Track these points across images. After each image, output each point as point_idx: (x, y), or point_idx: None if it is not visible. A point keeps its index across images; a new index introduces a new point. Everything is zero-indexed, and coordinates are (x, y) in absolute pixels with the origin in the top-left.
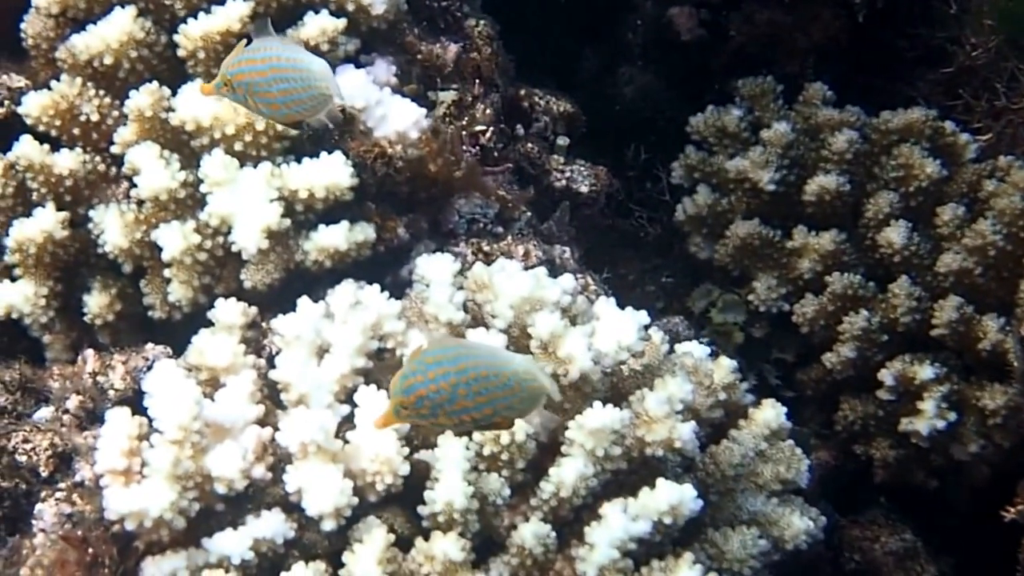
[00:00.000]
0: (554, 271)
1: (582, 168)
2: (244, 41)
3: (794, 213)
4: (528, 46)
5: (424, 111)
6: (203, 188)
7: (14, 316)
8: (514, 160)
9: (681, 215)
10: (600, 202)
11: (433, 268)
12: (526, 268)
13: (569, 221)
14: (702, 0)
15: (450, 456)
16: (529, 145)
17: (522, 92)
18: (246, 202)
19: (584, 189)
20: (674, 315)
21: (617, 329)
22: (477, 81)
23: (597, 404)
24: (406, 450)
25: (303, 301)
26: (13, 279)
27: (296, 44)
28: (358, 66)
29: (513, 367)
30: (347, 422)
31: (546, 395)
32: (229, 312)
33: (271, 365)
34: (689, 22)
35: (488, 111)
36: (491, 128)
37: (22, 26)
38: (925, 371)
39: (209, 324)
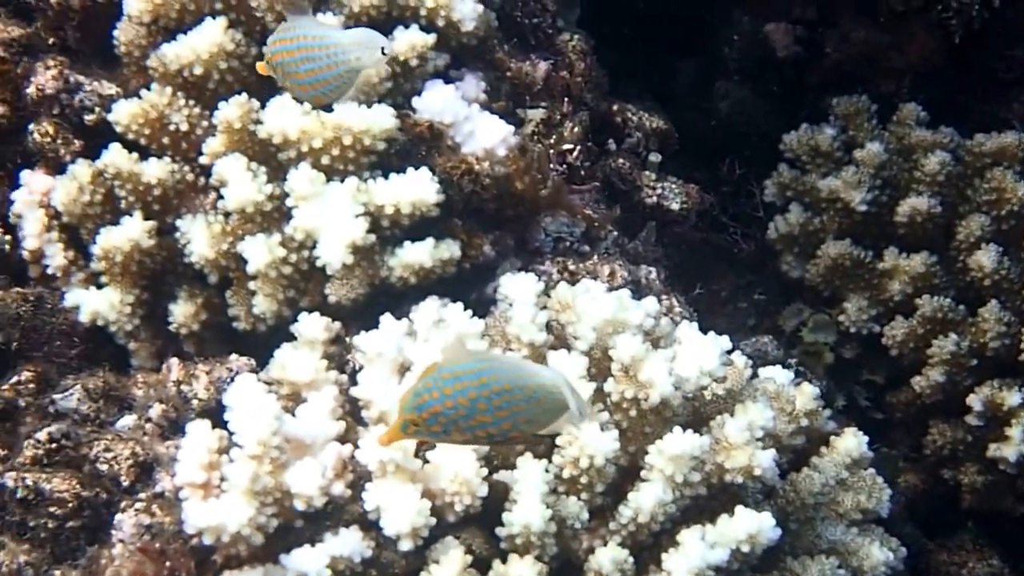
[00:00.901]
0: (639, 291)
1: (673, 185)
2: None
3: (885, 234)
4: (625, 59)
5: (512, 128)
6: (289, 202)
7: (100, 323)
8: (605, 176)
9: (773, 233)
10: (691, 220)
11: (517, 288)
12: (611, 288)
13: (659, 238)
14: (799, 17)
15: (529, 478)
16: (621, 161)
17: (615, 107)
18: (332, 217)
19: (675, 206)
20: (765, 333)
21: (699, 353)
22: (566, 99)
23: (677, 429)
24: (485, 471)
25: (386, 318)
26: (99, 286)
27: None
28: (447, 81)
29: (539, 380)
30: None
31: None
32: (312, 327)
33: (353, 381)
34: (785, 38)
35: (576, 129)
36: (579, 147)
37: (115, 33)
38: (1013, 397)
39: (292, 338)
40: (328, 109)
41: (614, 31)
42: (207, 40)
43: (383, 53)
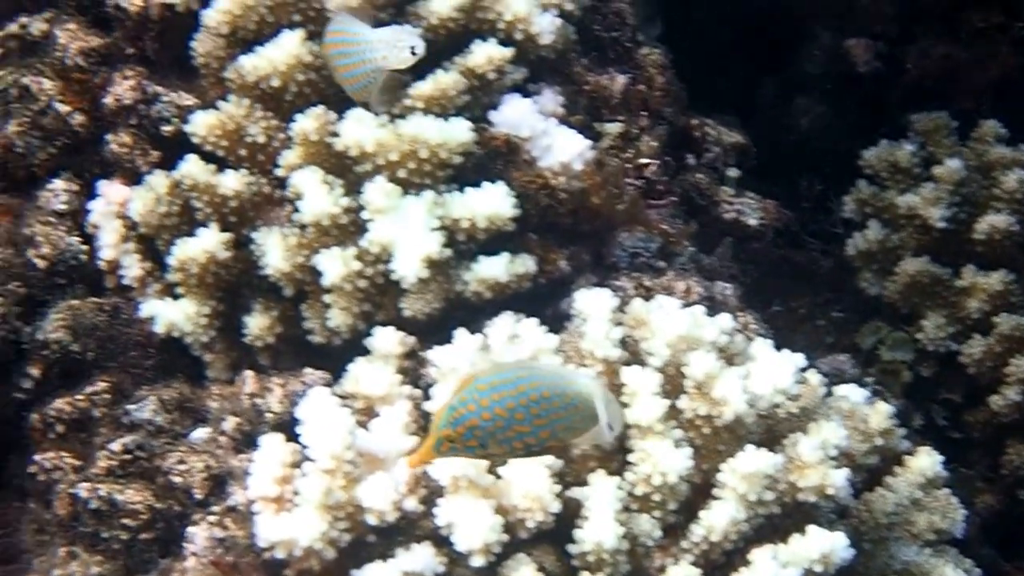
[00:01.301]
0: (714, 308)
1: (751, 201)
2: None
3: (964, 251)
4: (705, 74)
5: (589, 143)
6: (365, 215)
7: (175, 334)
8: (683, 191)
9: (851, 250)
10: (768, 236)
11: (591, 303)
12: (686, 305)
13: (736, 255)
14: (879, 33)
15: (602, 495)
16: (699, 176)
17: (694, 122)
18: (407, 230)
19: (753, 222)
20: (843, 352)
21: (773, 371)
22: (644, 113)
23: (750, 447)
24: (558, 487)
25: (460, 333)
26: (175, 297)
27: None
28: (525, 95)
29: (577, 387)
30: None
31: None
32: (387, 341)
33: (427, 396)
34: (866, 54)
35: (654, 143)
36: (656, 161)
37: (192, 44)
38: None
39: (367, 352)
40: (368, 108)
41: (694, 46)
42: (285, 52)
43: (412, 53)
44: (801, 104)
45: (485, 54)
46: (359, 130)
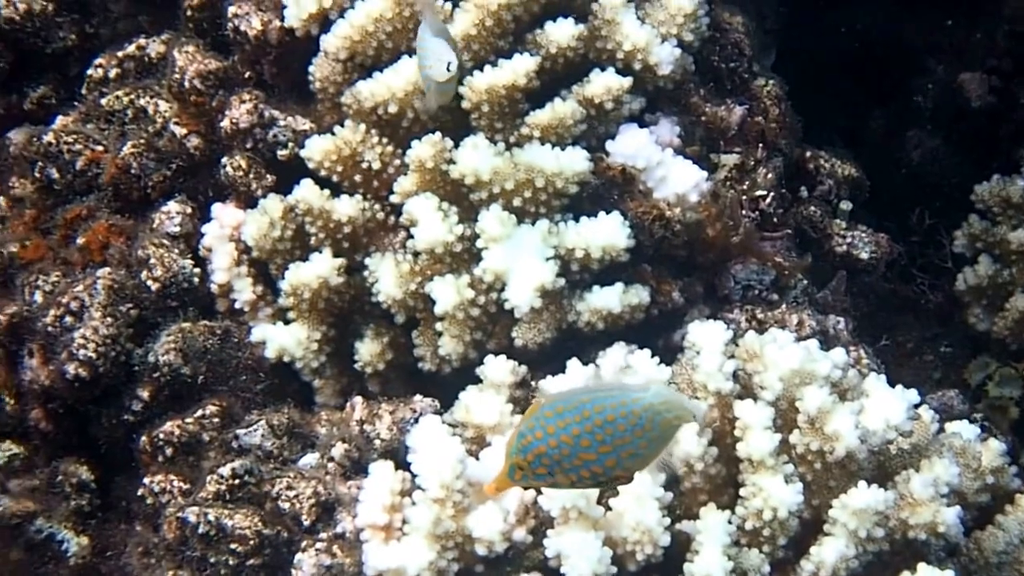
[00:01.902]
0: (827, 342)
1: (863, 234)
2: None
3: None
4: (817, 104)
5: (705, 174)
6: (479, 243)
7: (286, 359)
8: (795, 223)
9: (962, 285)
10: (880, 269)
11: (705, 336)
12: (799, 338)
13: (847, 288)
14: (994, 67)
15: (711, 529)
16: (812, 208)
17: (808, 154)
18: (522, 259)
19: (864, 256)
20: (951, 387)
21: (886, 407)
22: (760, 145)
23: (862, 483)
24: (667, 520)
25: (573, 363)
26: (287, 322)
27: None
28: (642, 125)
29: (646, 400)
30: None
31: (679, 427)
32: (498, 370)
33: None
34: (979, 88)
35: (770, 176)
36: (772, 193)
37: (310, 69)
38: None
39: (477, 380)
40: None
41: (807, 76)
42: (403, 79)
43: (448, 69)
44: (913, 137)
45: (603, 84)
46: (475, 158)
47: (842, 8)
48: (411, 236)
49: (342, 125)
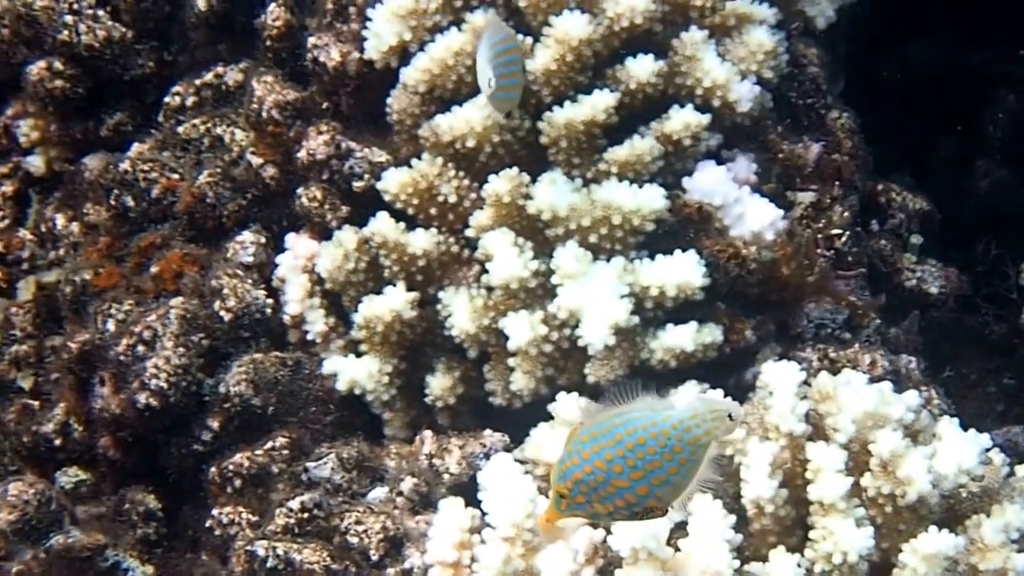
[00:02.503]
0: (899, 382)
1: (933, 268)
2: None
3: None
4: (885, 132)
5: (781, 212)
6: (554, 279)
7: (356, 392)
8: (866, 257)
9: None
10: (949, 304)
11: (778, 376)
12: (872, 379)
13: (919, 327)
14: None
15: (781, 572)
16: (883, 242)
17: (879, 187)
18: (596, 296)
19: (934, 290)
20: (1014, 420)
21: (958, 451)
22: (837, 183)
23: (932, 528)
24: (737, 563)
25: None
26: (358, 354)
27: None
28: (719, 162)
29: (676, 417)
30: (679, 529)
31: (708, 445)
32: (570, 407)
33: None
34: None
35: (846, 214)
36: (847, 232)
37: (388, 101)
38: None
39: (548, 416)
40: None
41: (876, 103)
42: (482, 113)
43: (488, 85)
44: (981, 167)
45: (682, 120)
46: (552, 194)
47: (913, 36)
48: (485, 270)
49: (419, 157)
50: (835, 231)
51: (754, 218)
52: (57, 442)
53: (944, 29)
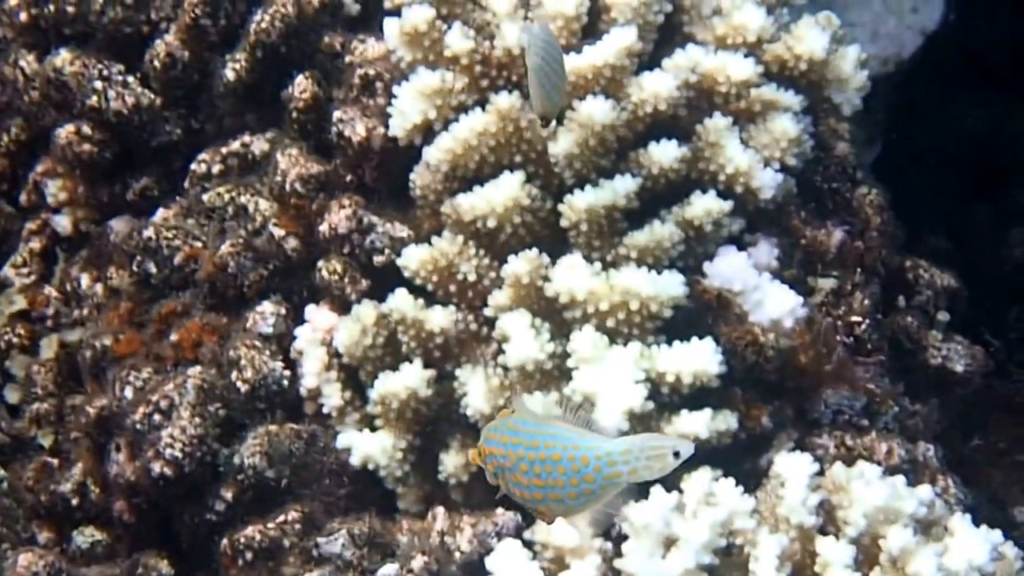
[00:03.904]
0: (916, 470)
1: (959, 347)
2: None
3: None
4: (922, 196)
5: (801, 300)
6: (570, 362)
7: (370, 467)
8: (892, 333)
9: None
10: (975, 383)
11: (790, 468)
12: (888, 468)
13: (941, 400)
14: None
15: None
16: (909, 319)
17: (907, 263)
18: (612, 381)
19: (959, 368)
20: None
21: (969, 547)
22: (859, 269)
23: None
24: None
25: (656, 491)
26: (373, 428)
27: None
28: (741, 247)
29: (605, 450)
30: None
31: (621, 487)
32: None
33: (618, 550)
34: None
35: (866, 301)
36: (867, 319)
37: (411, 176)
38: None
39: None
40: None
41: (913, 166)
42: (504, 194)
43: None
44: (1016, 234)
45: (704, 207)
46: (571, 278)
47: (952, 101)
48: (503, 350)
49: (440, 233)
50: (855, 318)
51: (773, 305)
52: (74, 502)
53: (985, 94)
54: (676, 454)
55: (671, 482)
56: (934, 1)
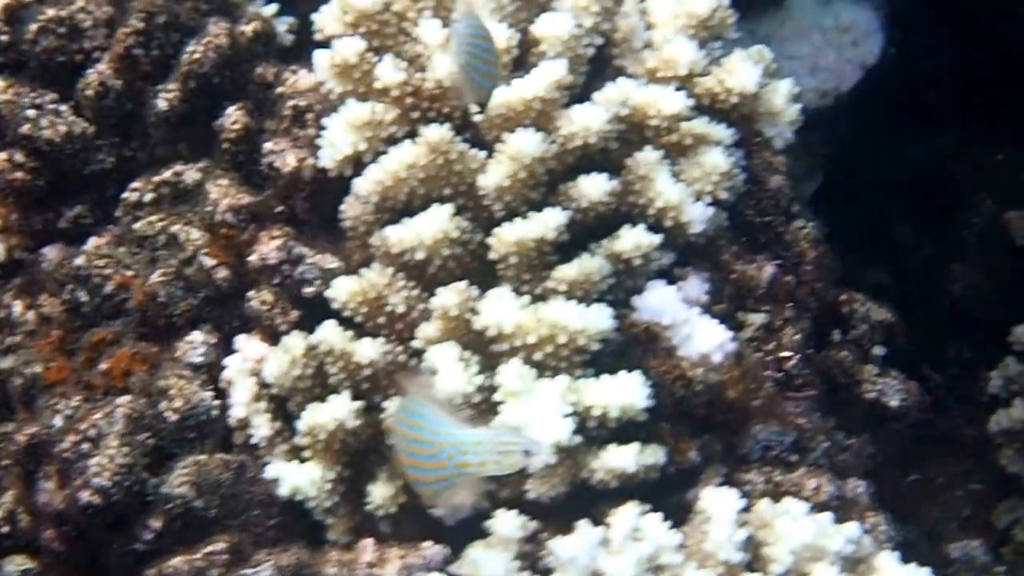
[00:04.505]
0: (845, 507)
1: (894, 381)
2: None
3: None
4: (864, 229)
5: (730, 334)
6: (497, 396)
7: (298, 498)
8: (826, 367)
9: (994, 427)
10: (910, 417)
11: (717, 503)
12: (816, 504)
13: (874, 435)
14: None
15: None
16: (844, 353)
17: (843, 297)
18: (539, 414)
19: (894, 403)
20: (978, 526)
21: None
22: (789, 304)
23: None
24: None
25: (582, 525)
26: (302, 460)
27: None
28: (670, 281)
29: (458, 438)
30: None
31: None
32: (507, 524)
33: None
34: None
35: (797, 337)
36: (797, 354)
37: (342, 208)
38: None
39: (487, 532)
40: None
41: (855, 200)
42: (433, 226)
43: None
44: (956, 270)
45: (633, 240)
46: (499, 311)
47: (893, 135)
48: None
49: (370, 265)
50: (785, 353)
51: (702, 340)
52: (4, 530)
53: (926, 129)
54: (527, 453)
55: (600, 508)
56: (874, 35)
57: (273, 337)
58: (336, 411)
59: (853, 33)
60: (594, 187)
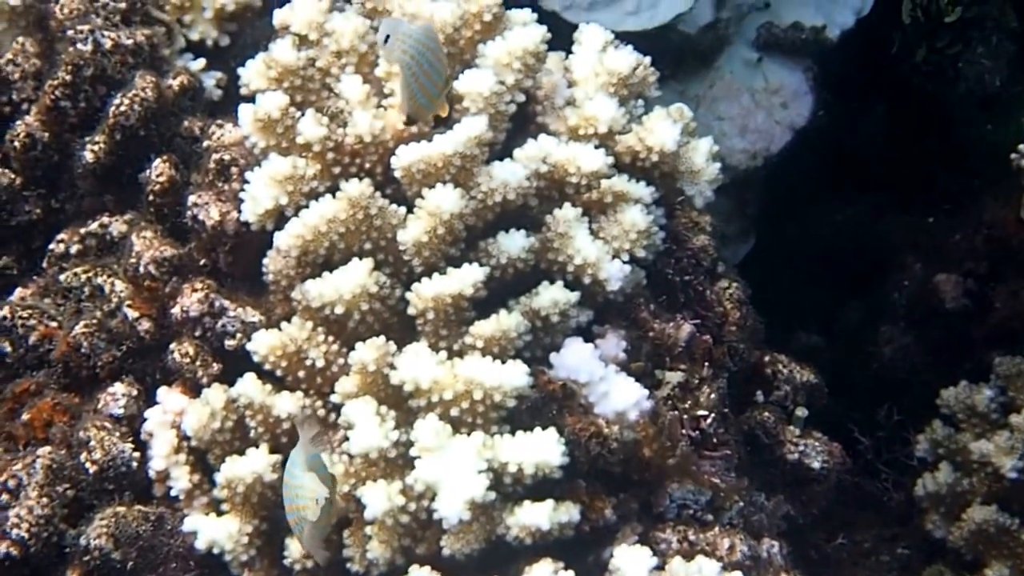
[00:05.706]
0: (758, 567)
1: (817, 443)
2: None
3: None
4: (794, 290)
5: (646, 393)
6: (413, 451)
7: (215, 551)
8: (749, 428)
9: (921, 491)
10: (831, 480)
11: (629, 562)
12: (728, 563)
13: (796, 496)
14: (970, 270)
15: None
16: (766, 414)
17: (766, 359)
18: (454, 471)
19: (816, 465)
20: None
21: None
22: (707, 364)
23: None
24: None
25: None
26: (219, 513)
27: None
28: (587, 339)
29: (298, 480)
30: None
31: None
32: None
33: None
34: (955, 290)
35: (713, 396)
36: (713, 413)
37: (264, 261)
38: None
39: None
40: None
41: (787, 261)
42: (352, 281)
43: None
44: (886, 332)
45: (550, 298)
46: (416, 366)
47: (823, 197)
48: (348, 438)
49: (290, 320)
50: (701, 412)
51: (618, 398)
52: None
53: (860, 192)
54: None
55: (516, 564)
56: (803, 97)
57: (195, 389)
58: (254, 464)
59: (783, 95)
60: (513, 244)
